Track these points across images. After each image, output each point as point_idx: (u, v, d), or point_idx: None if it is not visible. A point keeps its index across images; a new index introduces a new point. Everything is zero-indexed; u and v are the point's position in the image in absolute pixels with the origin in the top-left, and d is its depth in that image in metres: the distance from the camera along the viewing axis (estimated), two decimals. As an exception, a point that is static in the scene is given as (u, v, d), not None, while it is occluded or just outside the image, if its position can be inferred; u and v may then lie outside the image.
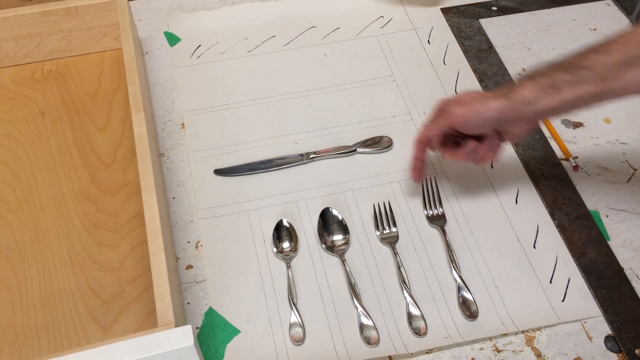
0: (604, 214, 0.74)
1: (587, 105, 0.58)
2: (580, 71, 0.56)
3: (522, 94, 0.59)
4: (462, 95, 0.65)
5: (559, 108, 0.58)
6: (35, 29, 0.86)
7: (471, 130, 0.64)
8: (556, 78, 0.58)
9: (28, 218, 0.74)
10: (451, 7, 1.00)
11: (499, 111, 0.61)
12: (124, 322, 0.66)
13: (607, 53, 0.55)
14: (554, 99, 0.58)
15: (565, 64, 0.58)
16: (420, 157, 0.71)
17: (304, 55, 0.93)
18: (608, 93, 0.56)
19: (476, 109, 0.62)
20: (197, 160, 0.80)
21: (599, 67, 0.55)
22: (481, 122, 0.63)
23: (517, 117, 0.61)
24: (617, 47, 0.54)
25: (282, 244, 0.72)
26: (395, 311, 0.67)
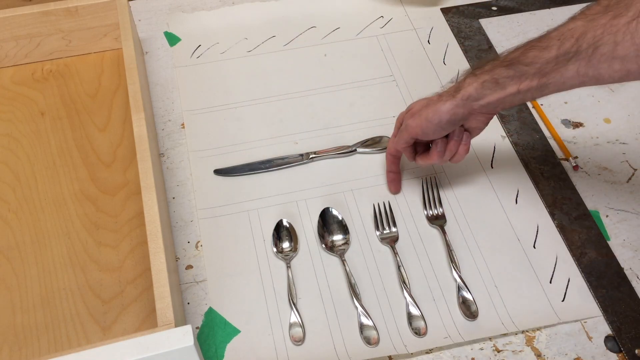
0: (604, 214, 0.74)
1: (529, 97, 0.60)
2: (520, 67, 0.58)
3: (467, 91, 0.62)
4: (413, 105, 0.68)
5: (503, 101, 0.61)
6: (35, 29, 0.86)
7: (431, 136, 0.67)
8: (498, 74, 0.60)
9: (28, 218, 0.74)
10: (451, 7, 1.00)
11: (449, 112, 0.63)
12: (124, 322, 0.66)
13: (545, 49, 0.56)
14: (497, 93, 0.60)
15: (507, 60, 0.60)
16: (392, 169, 0.75)
17: (304, 55, 0.93)
18: (548, 87, 0.58)
19: (427, 116, 0.65)
20: (197, 160, 0.80)
21: (538, 64, 0.57)
22: (436, 127, 0.65)
23: (467, 113, 0.64)
24: (555, 43, 0.56)
25: (282, 244, 0.72)
26: (395, 311, 0.67)
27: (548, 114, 0.84)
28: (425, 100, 0.67)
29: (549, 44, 0.57)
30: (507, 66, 0.59)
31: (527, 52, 0.58)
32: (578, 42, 0.54)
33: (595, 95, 0.87)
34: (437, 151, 0.68)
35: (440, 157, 0.68)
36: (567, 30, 0.56)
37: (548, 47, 0.56)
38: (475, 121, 0.65)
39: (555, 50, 0.56)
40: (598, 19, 0.54)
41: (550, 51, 0.56)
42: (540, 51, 0.57)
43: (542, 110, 0.85)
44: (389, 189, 0.76)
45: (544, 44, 0.57)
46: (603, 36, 0.52)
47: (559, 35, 0.56)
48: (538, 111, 0.85)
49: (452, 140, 0.67)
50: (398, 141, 0.70)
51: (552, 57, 0.56)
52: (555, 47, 0.56)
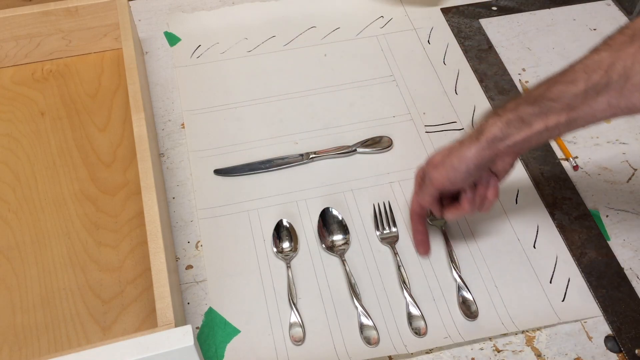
0: (604, 214, 0.74)
1: (557, 134, 0.57)
2: (546, 103, 0.56)
3: (491, 132, 0.58)
4: (434, 156, 0.64)
5: (529, 139, 0.58)
6: (35, 29, 0.86)
7: (459, 185, 0.63)
8: (523, 112, 0.57)
9: (28, 218, 0.74)
10: (451, 7, 1.00)
11: (475, 157, 0.60)
12: (124, 322, 0.66)
13: (572, 83, 0.54)
14: (524, 132, 0.57)
15: (532, 97, 0.57)
16: (419, 228, 0.70)
17: (304, 55, 0.93)
18: (577, 121, 0.55)
19: (452, 165, 0.61)
20: (197, 160, 0.80)
21: (565, 98, 0.54)
22: (464, 174, 0.61)
23: (494, 155, 0.60)
24: (582, 76, 0.54)
25: (282, 244, 0.72)
26: (395, 311, 0.67)
27: (548, 114, 0.84)
28: (445, 150, 0.63)
29: (575, 77, 0.54)
30: (532, 103, 0.57)
31: (552, 87, 0.56)
32: (607, 73, 0.52)
33: (595, 95, 0.87)
34: (467, 199, 0.63)
35: (471, 205, 0.64)
36: (593, 62, 0.54)
37: (575, 81, 0.54)
38: (502, 163, 0.62)
39: (583, 83, 0.53)
40: (625, 49, 0.52)
41: (578, 85, 0.54)
42: (566, 85, 0.55)
43: (542, 110, 0.85)
44: (418, 252, 0.71)
45: (570, 78, 0.55)
46: (634, 66, 0.51)
47: (584, 68, 0.54)
48: (538, 111, 0.85)
49: (480, 185, 0.63)
50: (423, 196, 0.65)
51: (581, 90, 0.54)
52: (583, 80, 0.53)
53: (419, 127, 0.84)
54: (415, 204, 0.69)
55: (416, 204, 0.69)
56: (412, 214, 0.70)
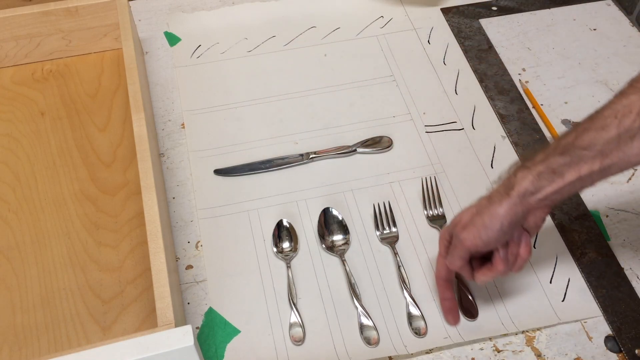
0: (604, 214, 0.74)
1: (590, 183, 0.55)
2: (577, 152, 0.54)
3: (522, 187, 0.56)
4: (461, 216, 0.60)
5: (562, 191, 0.55)
6: (35, 29, 0.86)
7: (492, 245, 0.59)
8: (554, 163, 0.55)
9: (28, 218, 0.74)
10: (451, 7, 1.00)
11: (508, 214, 0.56)
12: (124, 322, 0.66)
13: (603, 129, 0.52)
14: (556, 184, 0.55)
15: (561, 147, 0.55)
16: (447, 295, 0.65)
17: (304, 55, 0.93)
18: (611, 168, 0.53)
19: (484, 224, 0.57)
20: (197, 160, 0.80)
21: (597, 145, 0.53)
22: (497, 233, 0.57)
23: (526, 211, 0.57)
24: (613, 122, 0.52)
25: (282, 244, 0.72)
26: (395, 311, 0.67)
27: (548, 114, 0.84)
28: (473, 208, 0.59)
29: (605, 123, 0.52)
30: (563, 153, 0.54)
31: (582, 135, 0.54)
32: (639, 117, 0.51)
33: (595, 95, 0.87)
34: (501, 259, 0.59)
35: (506, 265, 0.59)
36: (622, 106, 0.52)
37: (606, 127, 0.52)
38: (533, 218, 0.58)
39: (614, 129, 0.52)
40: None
41: (609, 131, 0.52)
42: (597, 132, 0.53)
43: (542, 110, 0.85)
44: (448, 321, 0.65)
45: (600, 124, 0.53)
46: None
47: (614, 113, 0.52)
48: (538, 111, 0.85)
49: (512, 243, 0.59)
50: (452, 260, 0.61)
51: (613, 136, 0.52)
52: (615, 126, 0.52)
53: (419, 127, 0.84)
54: (441, 268, 0.64)
55: (443, 268, 0.64)
56: (438, 279, 0.65)
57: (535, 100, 0.86)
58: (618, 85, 0.88)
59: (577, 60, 0.92)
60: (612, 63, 0.91)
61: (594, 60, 0.92)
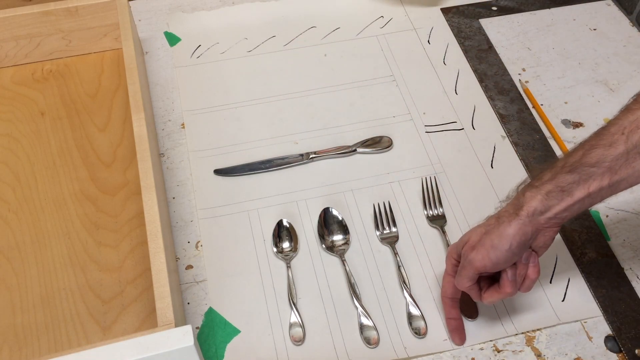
0: (604, 214, 0.74)
1: (599, 199, 0.55)
2: (586, 169, 0.53)
3: (531, 207, 0.55)
4: (470, 235, 0.60)
5: (571, 209, 0.55)
6: (35, 29, 0.86)
7: (502, 265, 0.58)
8: (562, 181, 0.54)
9: (28, 218, 0.74)
10: (451, 7, 1.00)
11: (518, 233, 0.56)
12: (124, 322, 0.66)
13: (611, 146, 0.52)
14: (565, 202, 0.55)
15: (569, 164, 0.55)
16: (453, 315, 0.64)
17: (304, 55, 0.93)
18: (620, 184, 0.53)
19: (493, 244, 0.56)
20: (197, 160, 0.80)
21: (606, 162, 0.53)
22: (507, 254, 0.56)
23: (535, 230, 0.57)
24: (620, 138, 0.52)
25: (282, 244, 0.72)
26: (395, 311, 0.67)
27: (548, 114, 0.84)
28: (482, 228, 0.59)
29: (613, 139, 0.52)
30: (571, 171, 0.54)
31: (589, 152, 0.54)
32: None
33: (595, 95, 0.87)
34: (509, 280, 0.58)
35: (514, 286, 0.58)
36: (629, 122, 0.52)
37: (613, 144, 0.52)
38: (543, 237, 0.58)
39: (622, 145, 0.52)
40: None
41: (617, 147, 0.52)
42: (605, 149, 0.53)
43: (542, 110, 0.85)
44: (453, 341, 0.64)
45: (607, 141, 0.53)
46: None
47: (621, 130, 0.52)
48: (538, 111, 0.85)
49: (520, 264, 0.58)
50: (460, 280, 0.60)
51: (621, 152, 0.52)
52: (622, 142, 0.52)
53: (419, 127, 0.84)
54: (448, 287, 0.63)
55: (450, 286, 0.63)
56: (444, 298, 0.65)
57: (535, 100, 0.86)
58: (618, 85, 0.88)
59: (577, 60, 0.92)
60: (612, 63, 0.91)
61: (594, 60, 0.92)
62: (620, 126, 0.53)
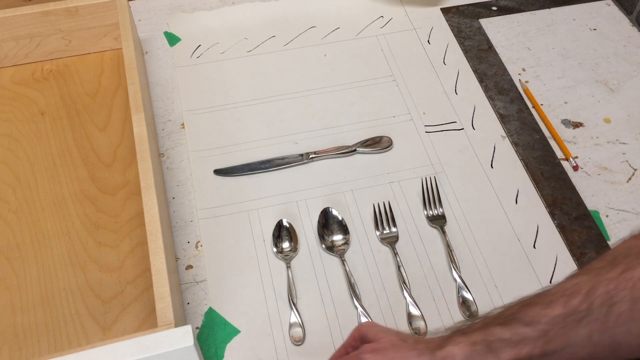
0: (604, 214, 0.74)
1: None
2: (519, 328, 0.48)
3: (450, 352, 0.49)
4: (381, 335, 0.53)
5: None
6: (35, 29, 0.86)
7: None
8: (492, 334, 0.49)
9: (28, 218, 0.74)
10: (451, 7, 1.00)
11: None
12: (124, 322, 0.66)
13: (549, 306, 0.48)
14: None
15: (503, 316, 0.50)
16: None
17: (304, 55, 0.93)
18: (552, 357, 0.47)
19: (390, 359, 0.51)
20: (197, 160, 0.80)
21: (541, 323, 0.48)
22: None
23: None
24: (560, 300, 0.48)
25: (282, 244, 0.72)
26: (395, 311, 0.67)
27: (548, 114, 0.84)
28: (396, 337, 0.52)
29: (552, 299, 0.48)
30: (503, 324, 0.49)
31: (526, 308, 0.49)
32: (588, 298, 0.47)
33: (595, 95, 0.87)
34: None
35: None
36: (571, 285, 0.48)
37: (552, 304, 0.48)
38: None
39: (561, 307, 0.47)
40: (606, 273, 0.47)
41: (555, 308, 0.48)
42: (542, 308, 0.48)
43: (542, 110, 0.85)
44: None
45: (546, 300, 0.49)
46: (617, 291, 0.45)
47: (562, 291, 0.48)
48: (538, 111, 0.85)
49: None
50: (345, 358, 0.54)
51: (559, 315, 0.47)
52: (561, 304, 0.47)
53: (419, 127, 0.84)
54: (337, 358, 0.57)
55: None
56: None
57: (535, 100, 0.86)
58: (618, 85, 0.88)
59: (577, 60, 0.92)
60: (612, 63, 0.91)
61: (594, 60, 0.92)
62: (562, 288, 0.49)
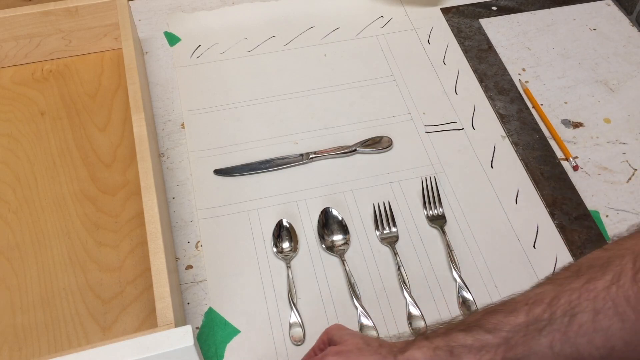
0: (604, 214, 0.74)
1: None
2: (481, 334, 0.48)
3: (412, 356, 0.50)
4: (347, 340, 0.54)
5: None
6: (35, 29, 0.86)
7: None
8: (454, 340, 0.49)
9: (28, 218, 0.74)
10: (451, 7, 1.00)
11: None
12: (124, 322, 0.66)
13: (512, 313, 0.48)
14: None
15: (466, 322, 0.50)
16: None
17: (304, 55, 0.93)
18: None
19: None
20: (197, 160, 0.80)
21: (503, 331, 0.48)
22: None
23: None
24: (523, 308, 0.48)
25: (282, 244, 0.72)
26: (395, 311, 0.67)
27: (548, 114, 0.84)
28: (361, 341, 0.53)
29: (516, 307, 0.48)
30: (465, 330, 0.49)
31: (489, 315, 0.49)
32: (551, 307, 0.47)
33: (595, 95, 0.87)
34: None
35: None
36: (535, 294, 0.48)
37: (515, 312, 0.48)
38: None
39: (523, 315, 0.47)
40: (569, 284, 0.47)
41: (518, 316, 0.48)
42: (505, 315, 0.48)
43: (542, 110, 0.85)
44: None
45: (510, 308, 0.49)
46: (580, 302, 0.45)
47: (525, 300, 0.48)
48: (538, 111, 0.85)
49: None
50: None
51: (521, 323, 0.47)
52: (524, 312, 0.47)
53: (419, 127, 0.84)
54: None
55: None
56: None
57: (535, 100, 0.86)
58: (618, 85, 0.88)
59: (577, 60, 0.92)
60: (612, 63, 0.91)
61: (594, 60, 0.92)
62: (526, 297, 0.49)
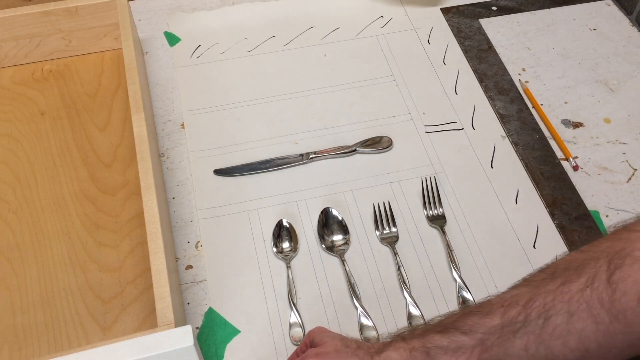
0: (604, 214, 0.74)
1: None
2: (457, 335, 0.49)
3: (389, 357, 0.51)
4: (327, 342, 0.55)
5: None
6: (35, 29, 0.86)
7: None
8: (431, 341, 0.50)
9: (28, 218, 0.74)
10: (451, 7, 1.00)
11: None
12: (124, 322, 0.66)
13: (487, 315, 0.49)
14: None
15: (442, 324, 0.51)
16: None
17: (304, 55, 0.93)
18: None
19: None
20: (197, 160, 0.80)
21: (479, 332, 0.48)
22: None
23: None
24: (498, 310, 0.48)
25: (282, 244, 0.72)
26: (395, 311, 0.67)
27: (548, 114, 0.84)
28: (340, 343, 0.54)
29: (491, 309, 0.49)
30: (441, 332, 0.50)
31: (465, 317, 0.50)
32: (526, 309, 0.47)
33: (595, 95, 0.87)
34: None
35: None
36: (511, 296, 0.49)
37: (490, 313, 0.49)
38: None
39: (499, 317, 0.48)
40: (545, 286, 0.48)
41: (493, 318, 0.48)
42: (481, 317, 0.49)
43: (542, 110, 0.85)
44: None
45: (485, 310, 0.49)
46: (555, 304, 0.46)
47: (501, 302, 0.49)
48: (538, 111, 0.85)
49: None
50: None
51: (496, 325, 0.48)
52: (499, 314, 0.48)
53: (419, 127, 0.84)
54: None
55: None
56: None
57: (535, 100, 0.86)
58: (618, 85, 0.88)
59: (577, 60, 0.92)
60: (612, 63, 0.91)
61: (594, 60, 0.92)
62: (502, 299, 0.50)
